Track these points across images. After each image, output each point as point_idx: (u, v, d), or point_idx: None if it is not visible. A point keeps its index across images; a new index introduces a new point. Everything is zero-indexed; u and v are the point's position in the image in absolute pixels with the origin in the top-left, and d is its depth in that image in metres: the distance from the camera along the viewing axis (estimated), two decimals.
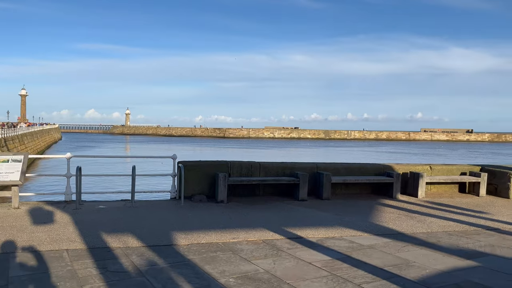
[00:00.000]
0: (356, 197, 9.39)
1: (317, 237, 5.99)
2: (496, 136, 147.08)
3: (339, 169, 9.71)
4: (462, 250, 5.48)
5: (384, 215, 7.61)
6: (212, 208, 7.77)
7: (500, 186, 10.37)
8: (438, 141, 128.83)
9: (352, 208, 8.18)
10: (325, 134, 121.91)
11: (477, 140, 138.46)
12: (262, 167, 9.18)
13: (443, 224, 7.04)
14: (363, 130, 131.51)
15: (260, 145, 75.90)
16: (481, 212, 8.18)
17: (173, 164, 8.75)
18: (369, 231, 6.41)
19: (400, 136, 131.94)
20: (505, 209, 8.61)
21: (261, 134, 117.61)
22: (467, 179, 10.38)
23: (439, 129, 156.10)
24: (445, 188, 10.66)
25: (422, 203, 8.98)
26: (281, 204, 8.40)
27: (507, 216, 7.92)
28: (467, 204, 9.10)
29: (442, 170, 10.59)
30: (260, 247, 5.41)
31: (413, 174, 9.92)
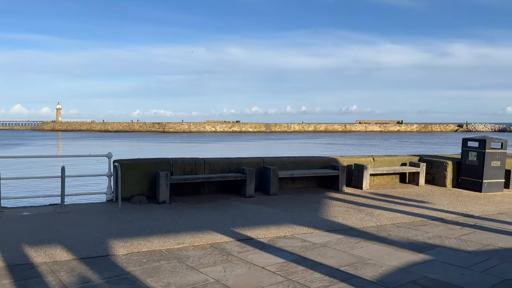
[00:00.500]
0: (303, 191, 9.24)
1: (268, 237, 5.67)
2: (423, 126, 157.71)
3: (286, 163, 9.50)
4: (413, 243, 5.43)
5: (333, 209, 7.49)
6: (153, 210, 7.18)
7: (437, 175, 10.77)
8: (372, 132, 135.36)
9: (301, 203, 7.99)
10: (266, 127, 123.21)
11: (407, 131, 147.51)
12: (206, 164, 8.71)
13: (390, 216, 7.05)
14: (302, 123, 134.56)
15: (202, 140, 74.78)
16: (424, 202, 8.37)
17: (108, 163, 8.01)
18: (320, 227, 6.22)
19: (337, 128, 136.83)
20: (444, 198, 8.89)
21: (203, 128, 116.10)
22: (407, 170, 10.66)
23: (373, 121, 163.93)
24: (387, 179, 10.87)
25: (367, 195, 9.03)
26: (228, 202, 8.00)
27: (447, 204, 8.16)
28: (409, 194, 9.31)
29: (384, 161, 10.79)
30: (208, 252, 4.98)
31: (358, 166, 9.98)
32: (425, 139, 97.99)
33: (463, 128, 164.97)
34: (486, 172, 9.92)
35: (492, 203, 8.42)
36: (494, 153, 10.03)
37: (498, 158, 10.07)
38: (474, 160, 10.13)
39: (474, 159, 10.13)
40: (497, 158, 10.06)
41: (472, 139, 10.43)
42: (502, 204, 8.39)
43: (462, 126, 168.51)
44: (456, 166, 10.58)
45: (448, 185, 10.51)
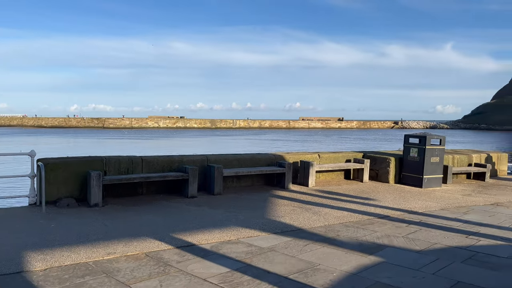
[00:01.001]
0: (249, 190, 8.86)
1: (211, 242, 5.20)
2: (363, 123, 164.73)
3: (231, 161, 9.06)
4: (362, 244, 5.23)
5: (279, 209, 7.17)
6: (83, 215, 6.43)
7: (380, 171, 10.88)
8: (315, 129, 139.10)
9: (246, 203, 7.60)
10: (211, 123, 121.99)
11: (347, 127, 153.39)
12: (145, 162, 8.04)
13: (338, 215, 6.86)
14: (247, 119, 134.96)
15: (144, 136, 72.26)
16: (369, 199, 8.32)
17: (31, 162, 7.11)
18: (267, 229, 5.86)
19: (281, 124, 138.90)
20: (389, 194, 8.93)
21: (145, 124, 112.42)
22: (352, 166, 10.65)
23: (315, 118, 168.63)
24: (332, 176, 10.81)
25: (314, 193, 8.84)
26: (169, 203, 7.42)
27: (392, 201, 8.17)
28: (354, 190, 9.26)
29: (330, 158, 10.71)
30: (143, 263, 4.42)
31: (304, 163, 9.78)
32: (364, 135, 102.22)
33: (398, 125, 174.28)
34: (427, 168, 10.15)
35: (434, 199, 8.56)
36: (434, 149, 10.28)
37: (437, 154, 10.35)
38: (415, 156, 10.32)
39: (415, 155, 10.33)
40: (436, 154, 10.33)
41: (413, 136, 10.64)
42: (442, 199, 8.56)
43: (398, 123, 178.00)
44: (398, 162, 10.74)
45: (391, 181, 10.64)
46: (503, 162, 13.53)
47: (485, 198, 8.95)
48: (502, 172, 13.43)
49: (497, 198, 8.93)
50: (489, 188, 10.57)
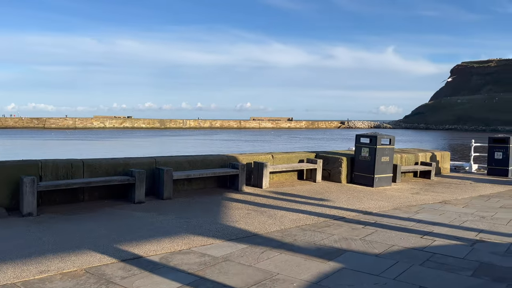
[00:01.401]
0: (201, 193, 8.46)
1: (160, 253, 4.77)
2: (311, 123, 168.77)
3: (182, 163, 8.60)
4: (320, 249, 5.04)
5: (233, 213, 6.85)
6: (13, 226, 5.73)
7: (333, 171, 10.89)
8: (265, 128, 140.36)
9: (198, 208, 7.20)
10: (160, 123, 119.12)
11: (296, 127, 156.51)
12: (87, 166, 7.39)
13: (293, 217, 6.66)
14: (198, 119, 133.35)
15: (88, 137, 68.97)
16: (324, 200, 8.22)
17: None
18: (221, 236, 5.51)
19: (232, 124, 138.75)
20: (342, 194, 8.90)
21: (90, 124, 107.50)
22: (305, 166, 10.56)
23: (266, 118, 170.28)
24: (286, 176, 10.65)
25: (268, 194, 8.61)
26: (113, 210, 6.85)
27: (346, 202, 8.12)
28: (308, 191, 9.14)
29: (283, 158, 10.54)
30: (82, 281, 3.92)
31: (257, 164, 9.53)
32: (313, 135, 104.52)
33: (344, 125, 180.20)
34: (377, 168, 10.27)
35: (386, 198, 8.63)
36: (384, 149, 10.43)
37: (387, 154, 10.51)
38: (366, 156, 10.42)
39: (366, 155, 10.42)
40: (387, 153, 10.49)
41: (364, 136, 10.73)
42: (394, 199, 8.66)
43: (344, 123, 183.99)
44: (350, 162, 10.80)
45: (343, 180, 10.67)
46: (446, 160, 14.11)
47: (433, 196, 9.17)
48: (445, 170, 14.01)
49: (444, 196, 9.18)
50: (435, 186, 10.91)
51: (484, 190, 10.27)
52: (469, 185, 11.13)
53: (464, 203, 8.43)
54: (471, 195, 9.54)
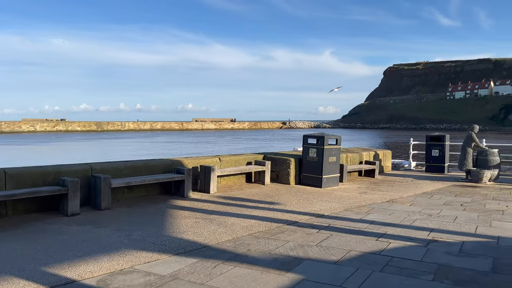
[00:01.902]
0: (144, 201, 7.83)
1: (98, 275, 4.18)
2: (254, 124, 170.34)
3: (121, 169, 7.92)
4: (277, 259, 4.72)
5: (180, 222, 6.35)
6: None
7: (281, 173, 10.69)
8: (208, 130, 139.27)
9: (141, 218, 6.60)
10: (97, 126, 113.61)
11: (239, 128, 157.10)
12: (10, 176, 6.51)
13: (245, 224, 6.29)
14: (137, 121, 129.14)
15: (16, 142, 63.91)
16: (274, 203, 7.95)
17: None
18: (168, 249, 5.01)
19: (174, 126, 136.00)
20: (292, 197, 8.69)
21: (18, 128, 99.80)
22: (254, 169, 10.25)
23: (208, 119, 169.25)
24: (234, 180, 10.27)
25: (216, 200, 8.18)
26: (43, 225, 6.06)
27: (297, 204, 7.91)
28: (258, 195, 8.84)
29: (231, 161, 10.16)
30: None
31: (204, 168, 9.06)
32: (256, 135, 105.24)
33: (286, 125, 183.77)
34: (325, 168, 10.22)
35: (335, 199, 8.55)
36: (331, 149, 10.41)
37: (334, 154, 10.50)
38: (314, 157, 10.33)
39: (314, 156, 10.33)
40: (334, 153, 10.47)
41: (311, 136, 10.65)
42: (343, 199, 8.60)
43: (286, 123, 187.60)
44: (298, 163, 10.66)
45: (291, 182, 10.51)
46: (387, 158, 14.51)
47: (380, 195, 9.26)
48: (387, 168, 14.40)
49: (390, 195, 9.31)
50: (380, 184, 11.10)
51: (426, 187, 10.60)
52: (411, 183, 11.46)
53: (410, 201, 8.57)
54: (414, 192, 9.77)
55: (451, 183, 11.59)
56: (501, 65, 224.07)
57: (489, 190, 10.28)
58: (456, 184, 11.41)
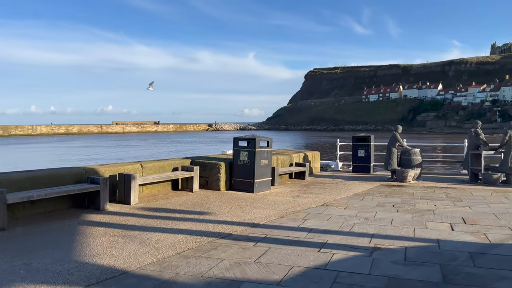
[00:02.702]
0: (51, 218, 6.65)
1: None
2: (179, 126, 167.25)
3: (21, 181, 6.66)
4: (211, 284, 4.03)
5: (94, 242, 5.37)
6: None
7: (211, 178, 9.98)
8: (130, 133, 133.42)
9: (44, 240, 5.49)
10: (3, 130, 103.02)
11: (164, 131, 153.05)
12: None
13: (172, 240, 5.51)
14: (51, 124, 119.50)
15: None
16: (204, 213, 7.23)
17: None
18: (76, 280, 4.07)
19: (93, 129, 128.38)
20: (223, 204, 8.03)
21: None
22: (181, 175, 9.42)
23: (130, 122, 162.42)
24: (158, 188, 9.35)
25: (139, 212, 7.25)
26: None
27: (229, 213, 7.27)
28: (186, 204, 8.05)
29: (154, 167, 9.22)
30: None
31: (124, 176, 8.06)
32: (181, 138, 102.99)
33: (212, 127, 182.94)
34: (257, 172, 9.72)
35: (269, 205, 8.06)
36: (263, 152, 9.94)
37: (266, 157, 10.05)
38: (245, 160, 9.78)
39: (245, 159, 9.78)
40: (265, 156, 10.02)
41: (242, 139, 10.09)
42: (277, 205, 8.14)
43: (212, 125, 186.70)
44: (228, 167, 10.04)
45: (222, 188, 9.85)
46: (316, 160, 14.48)
47: (313, 198, 8.97)
48: (316, 170, 14.36)
49: (323, 198, 9.06)
50: (312, 187, 10.88)
51: (356, 189, 10.58)
52: (341, 184, 11.41)
53: (344, 204, 8.37)
54: (346, 194, 9.65)
55: (378, 183, 11.76)
56: (408, 71, 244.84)
57: (415, 189, 10.54)
58: (383, 184, 11.60)
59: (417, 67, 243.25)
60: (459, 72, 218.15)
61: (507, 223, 6.51)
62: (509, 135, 11.23)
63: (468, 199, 8.86)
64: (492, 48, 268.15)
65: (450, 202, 8.54)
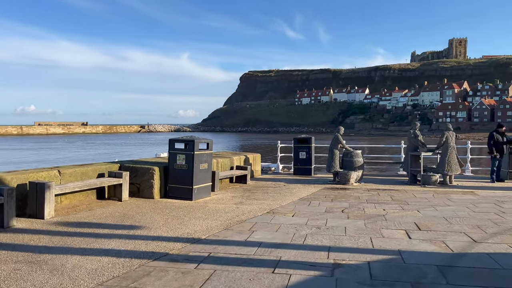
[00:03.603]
0: None
1: None
2: (109, 127, 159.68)
3: None
4: None
5: None
6: None
7: (143, 185, 8.89)
8: (55, 134, 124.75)
9: None
10: None
11: (92, 132, 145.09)
12: None
13: (93, 266, 4.46)
14: None
15: None
16: (135, 227, 6.19)
17: None
18: None
19: (11, 130, 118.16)
20: (158, 216, 7.04)
21: None
22: (107, 182, 8.22)
23: (55, 122, 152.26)
24: (80, 197, 8.08)
25: (53, 228, 6.03)
26: None
27: (164, 226, 6.31)
28: (112, 216, 6.93)
29: (76, 173, 7.95)
30: None
31: (36, 185, 6.75)
32: (112, 140, 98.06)
33: (145, 129, 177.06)
34: (196, 177, 8.81)
35: (210, 215, 7.21)
36: (202, 155, 9.05)
37: (206, 160, 9.17)
38: (183, 164, 8.82)
39: (183, 163, 8.83)
40: (205, 160, 9.14)
41: (179, 140, 9.12)
42: (219, 214, 7.31)
43: (144, 127, 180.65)
44: (163, 172, 9.02)
45: (156, 196, 8.81)
46: (257, 162, 13.84)
47: (258, 205, 8.26)
48: (257, 173, 13.72)
49: (268, 204, 8.40)
50: (255, 191, 10.19)
51: (300, 193, 10.07)
52: (284, 188, 10.85)
53: (291, 210, 7.76)
54: (292, 199, 9.08)
55: (321, 186, 11.38)
56: (338, 75, 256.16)
57: (359, 192, 10.26)
58: (326, 186, 11.23)
59: (346, 72, 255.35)
60: (383, 77, 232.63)
61: (460, 228, 6.27)
62: (445, 137, 11.41)
63: (414, 202, 8.69)
64: (412, 56, 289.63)
65: (397, 205, 8.29)
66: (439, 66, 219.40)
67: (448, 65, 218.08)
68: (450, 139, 11.43)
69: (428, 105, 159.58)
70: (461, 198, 9.22)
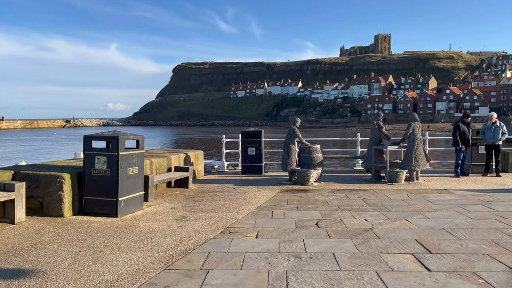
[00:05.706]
0: None
1: None
2: (29, 122, 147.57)
3: None
4: None
5: None
6: None
7: (47, 199, 6.54)
8: None
9: None
10: None
11: (9, 128, 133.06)
12: None
13: None
14: None
15: None
16: (23, 274, 3.98)
17: None
18: None
19: None
20: (65, 247, 4.82)
21: None
22: None
23: None
24: None
25: None
26: None
27: (71, 269, 4.16)
28: None
29: None
30: None
31: None
32: (31, 136, 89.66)
33: (71, 123, 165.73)
34: (122, 185, 6.65)
35: (143, 242, 5.14)
36: (131, 156, 6.89)
37: (136, 162, 7.02)
38: (103, 169, 6.61)
39: (103, 167, 6.61)
40: (135, 162, 6.99)
41: (99, 137, 6.87)
42: (156, 240, 5.27)
43: (70, 121, 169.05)
44: (77, 180, 6.73)
45: (67, 212, 6.51)
46: (200, 161, 11.82)
47: (207, 221, 6.33)
48: (200, 173, 11.71)
49: (220, 218, 6.49)
50: (199, 199, 8.21)
51: (256, 198, 8.27)
52: (235, 192, 8.99)
53: (252, 227, 5.93)
54: (248, 208, 7.25)
55: (277, 187, 9.68)
56: (272, 69, 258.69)
57: (324, 194, 8.70)
58: (284, 188, 9.55)
59: (279, 66, 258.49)
60: (315, 71, 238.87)
61: (478, 247, 4.86)
62: (412, 128, 10.25)
63: (393, 207, 7.28)
64: (341, 51, 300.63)
65: (378, 213, 6.81)
66: (367, 61, 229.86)
67: (374, 60, 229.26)
68: (417, 130, 10.28)
69: (357, 98, 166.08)
70: (440, 199, 8.01)
